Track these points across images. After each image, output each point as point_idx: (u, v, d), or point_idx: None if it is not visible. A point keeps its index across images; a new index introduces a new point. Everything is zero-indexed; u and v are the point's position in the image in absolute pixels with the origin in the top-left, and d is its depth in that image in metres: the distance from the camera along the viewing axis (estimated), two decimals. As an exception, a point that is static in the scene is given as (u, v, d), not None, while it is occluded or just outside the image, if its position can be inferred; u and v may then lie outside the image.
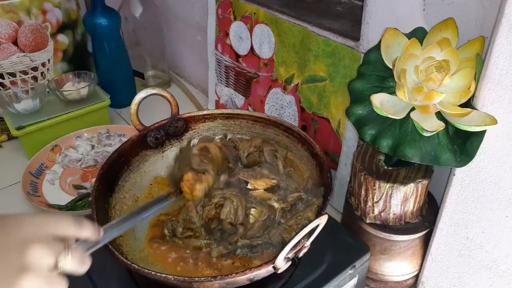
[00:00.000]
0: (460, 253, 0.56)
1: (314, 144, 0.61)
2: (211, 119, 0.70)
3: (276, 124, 0.67)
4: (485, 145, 0.47)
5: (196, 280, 0.45)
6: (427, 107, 0.47)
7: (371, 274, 0.63)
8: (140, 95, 0.63)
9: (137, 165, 0.65)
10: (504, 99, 0.43)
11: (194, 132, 0.70)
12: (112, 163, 0.60)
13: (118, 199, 0.60)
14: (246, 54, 0.89)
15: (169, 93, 0.65)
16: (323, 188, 0.57)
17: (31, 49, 0.97)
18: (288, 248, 0.44)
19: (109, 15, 1.01)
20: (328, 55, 0.70)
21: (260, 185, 0.59)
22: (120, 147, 0.62)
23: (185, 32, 1.17)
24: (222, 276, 0.44)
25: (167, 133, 0.68)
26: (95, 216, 0.51)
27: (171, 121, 0.67)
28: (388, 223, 0.59)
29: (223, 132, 0.70)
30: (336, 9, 0.78)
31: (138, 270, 0.45)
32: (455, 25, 0.48)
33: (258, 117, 0.68)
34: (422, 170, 0.56)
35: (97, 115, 0.99)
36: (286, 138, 0.66)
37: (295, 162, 0.65)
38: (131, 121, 0.64)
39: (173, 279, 0.45)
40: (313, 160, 0.61)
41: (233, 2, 0.87)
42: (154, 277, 0.45)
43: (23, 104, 0.92)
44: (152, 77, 1.21)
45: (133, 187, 0.63)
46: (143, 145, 0.66)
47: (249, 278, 0.46)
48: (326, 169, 0.56)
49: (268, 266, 0.45)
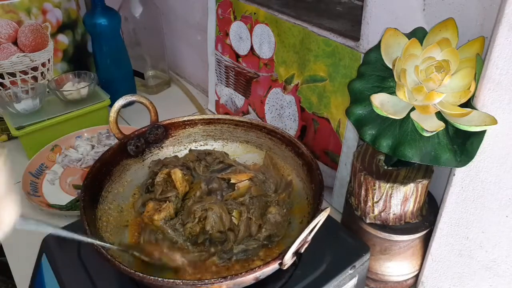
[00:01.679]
0: (460, 253, 0.56)
1: (299, 144, 0.61)
2: (191, 125, 0.69)
3: (259, 127, 0.67)
4: (485, 145, 0.47)
5: (206, 283, 0.44)
6: (427, 107, 0.47)
7: (371, 274, 0.63)
8: (119, 102, 0.62)
9: (118, 174, 0.63)
10: (504, 99, 0.43)
11: (174, 139, 0.69)
12: (95, 174, 0.59)
13: (103, 210, 0.58)
14: (246, 54, 0.89)
15: (148, 100, 0.64)
16: (313, 186, 0.57)
17: (31, 49, 0.97)
18: (296, 244, 0.44)
19: (109, 15, 1.01)
20: (328, 55, 0.70)
21: (243, 177, 0.59)
22: (101, 156, 0.60)
23: (185, 32, 1.17)
24: (232, 276, 0.44)
25: (147, 141, 0.67)
26: (87, 227, 0.50)
27: (151, 128, 0.66)
28: (388, 223, 0.59)
29: (203, 139, 0.70)
30: (336, 9, 0.78)
31: (143, 278, 0.45)
32: (455, 25, 0.48)
33: (239, 121, 0.68)
34: (422, 170, 0.56)
35: (97, 115, 0.99)
36: (269, 140, 0.66)
37: (273, 160, 0.66)
38: (111, 129, 0.62)
39: (181, 284, 0.44)
40: (299, 159, 0.62)
41: (233, 2, 0.87)
42: (161, 284, 0.44)
43: (23, 104, 0.92)
44: (152, 77, 1.21)
45: (116, 197, 0.61)
46: (123, 154, 0.64)
47: (256, 277, 0.46)
48: (315, 167, 0.57)
49: (275, 263, 0.45)
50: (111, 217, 0.59)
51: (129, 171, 0.65)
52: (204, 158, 0.65)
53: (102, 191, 0.60)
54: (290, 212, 0.60)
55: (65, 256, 0.57)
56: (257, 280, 0.47)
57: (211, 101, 1.07)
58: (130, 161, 0.65)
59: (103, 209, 0.58)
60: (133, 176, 0.65)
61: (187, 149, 0.70)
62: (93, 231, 0.50)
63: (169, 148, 0.69)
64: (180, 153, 0.69)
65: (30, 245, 0.63)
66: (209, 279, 0.44)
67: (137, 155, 0.66)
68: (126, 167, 0.64)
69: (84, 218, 0.51)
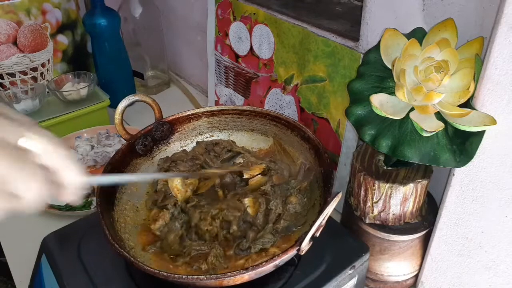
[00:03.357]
0: (459, 253, 0.56)
1: (304, 129, 0.61)
2: (196, 119, 0.69)
3: (263, 114, 0.67)
4: (485, 145, 0.47)
5: (228, 275, 0.44)
6: (426, 107, 0.47)
7: (371, 274, 0.64)
8: (122, 103, 0.61)
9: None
10: (503, 99, 0.43)
11: (180, 134, 0.69)
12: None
13: (120, 212, 0.59)
14: (246, 54, 0.89)
15: (151, 98, 0.64)
16: (323, 169, 0.57)
17: (31, 50, 0.97)
18: (313, 230, 0.45)
19: (109, 15, 1.01)
20: (328, 56, 0.70)
21: (255, 171, 0.59)
22: (112, 159, 0.61)
23: (185, 32, 1.17)
24: (253, 267, 0.44)
25: (154, 139, 0.67)
26: (108, 232, 0.50)
27: (156, 126, 0.67)
28: (388, 223, 0.59)
29: (208, 131, 0.70)
30: (335, 9, 0.78)
31: (167, 277, 0.45)
32: (454, 25, 0.48)
33: (243, 110, 0.68)
34: (422, 170, 0.56)
35: (97, 115, 0.99)
36: (274, 127, 0.66)
37: (282, 146, 0.66)
38: (118, 131, 0.63)
39: (205, 279, 0.44)
40: (306, 143, 0.62)
41: (233, 2, 0.87)
42: (182, 281, 0.44)
43: (23, 104, 0.91)
44: (152, 77, 1.21)
45: (131, 197, 0.62)
46: (132, 154, 0.65)
47: (275, 265, 0.46)
48: (323, 150, 0.57)
49: (293, 249, 0.45)
50: (128, 217, 0.59)
51: (139, 170, 0.66)
52: (213, 149, 0.66)
53: (116, 193, 0.60)
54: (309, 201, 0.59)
55: (65, 256, 0.57)
56: (277, 267, 0.48)
57: (211, 101, 1.07)
58: (140, 160, 0.66)
59: (119, 210, 0.59)
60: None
61: (194, 142, 0.70)
62: (112, 235, 0.50)
63: (176, 143, 0.70)
64: (187, 147, 0.70)
65: (30, 245, 0.63)
66: (231, 272, 0.44)
67: (146, 154, 0.67)
68: (136, 167, 0.65)
69: (103, 223, 0.51)
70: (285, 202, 0.57)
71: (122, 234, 0.55)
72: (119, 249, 0.47)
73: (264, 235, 0.54)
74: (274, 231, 0.55)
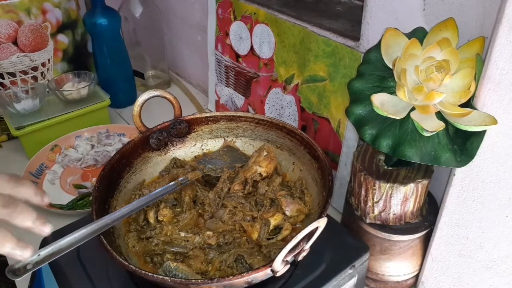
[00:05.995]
0: (460, 253, 0.56)
1: (316, 147, 0.61)
2: (214, 122, 0.70)
3: (279, 126, 0.67)
4: (485, 145, 0.47)
5: (193, 282, 0.45)
6: (427, 107, 0.47)
7: (371, 274, 0.63)
8: (143, 97, 0.63)
9: (139, 166, 0.65)
10: (504, 99, 0.43)
11: (197, 134, 0.70)
12: (114, 165, 0.60)
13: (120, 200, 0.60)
14: (246, 54, 0.89)
15: (172, 95, 0.65)
16: (324, 193, 0.57)
17: (31, 49, 0.97)
18: (286, 251, 0.44)
19: (109, 15, 1.01)
20: (328, 55, 0.70)
21: (294, 212, 0.59)
22: (122, 149, 0.62)
23: (185, 32, 1.17)
24: (219, 278, 0.44)
25: (170, 135, 0.68)
26: (95, 217, 0.50)
27: (174, 123, 0.68)
28: (388, 223, 0.59)
29: (225, 135, 0.71)
30: (336, 9, 0.78)
31: (138, 273, 0.45)
32: (455, 25, 0.48)
33: (260, 120, 0.68)
34: (422, 170, 0.56)
35: (97, 115, 0.99)
36: (289, 141, 0.66)
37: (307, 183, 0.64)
38: (134, 123, 0.64)
39: (169, 281, 0.45)
40: (315, 162, 0.61)
41: (233, 2, 0.87)
42: (151, 279, 0.45)
43: (23, 104, 0.91)
44: (152, 77, 1.21)
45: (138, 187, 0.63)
46: (145, 146, 0.66)
47: (247, 281, 0.46)
48: (328, 172, 0.56)
49: (266, 269, 0.45)
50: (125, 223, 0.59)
51: (149, 163, 0.67)
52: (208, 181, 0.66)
53: (120, 182, 0.62)
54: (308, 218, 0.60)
55: (65, 256, 0.57)
56: (250, 284, 0.47)
57: (211, 101, 1.07)
58: (151, 154, 0.67)
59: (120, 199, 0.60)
60: (153, 168, 0.67)
61: (208, 144, 0.71)
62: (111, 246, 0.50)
63: (191, 142, 0.70)
64: (202, 148, 0.71)
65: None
66: (196, 279, 0.45)
67: (159, 148, 0.68)
68: (146, 160, 0.67)
69: (94, 208, 0.52)
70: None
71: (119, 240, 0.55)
72: (119, 259, 0.47)
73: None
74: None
